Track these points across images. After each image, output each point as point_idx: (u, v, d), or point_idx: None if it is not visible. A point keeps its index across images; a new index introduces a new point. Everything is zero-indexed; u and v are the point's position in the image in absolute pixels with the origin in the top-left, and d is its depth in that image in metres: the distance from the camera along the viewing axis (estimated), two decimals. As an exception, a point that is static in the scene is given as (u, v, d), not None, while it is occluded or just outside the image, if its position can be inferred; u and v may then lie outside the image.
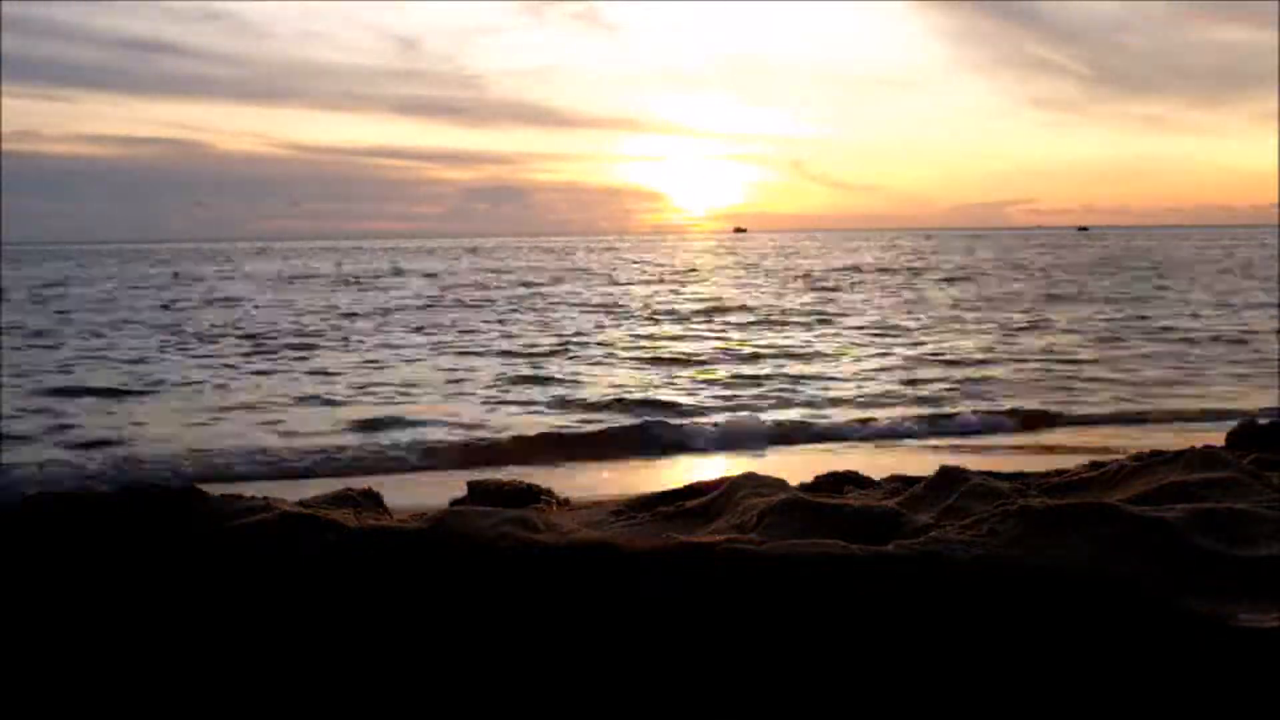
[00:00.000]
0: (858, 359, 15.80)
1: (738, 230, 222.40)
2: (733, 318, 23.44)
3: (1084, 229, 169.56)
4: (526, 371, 14.75)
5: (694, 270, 48.83)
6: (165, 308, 28.01)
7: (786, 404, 11.97)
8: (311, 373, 14.82)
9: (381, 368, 15.36)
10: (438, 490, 6.51)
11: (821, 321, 21.92)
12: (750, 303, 27.44)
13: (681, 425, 10.30)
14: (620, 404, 11.72)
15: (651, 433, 10.00)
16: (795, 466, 8.45)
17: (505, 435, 10.09)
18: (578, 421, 10.88)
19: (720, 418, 10.83)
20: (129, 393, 12.99)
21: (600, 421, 10.79)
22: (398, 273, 49.41)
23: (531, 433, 10.18)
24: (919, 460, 8.52)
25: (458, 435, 10.09)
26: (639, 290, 34.11)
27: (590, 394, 12.58)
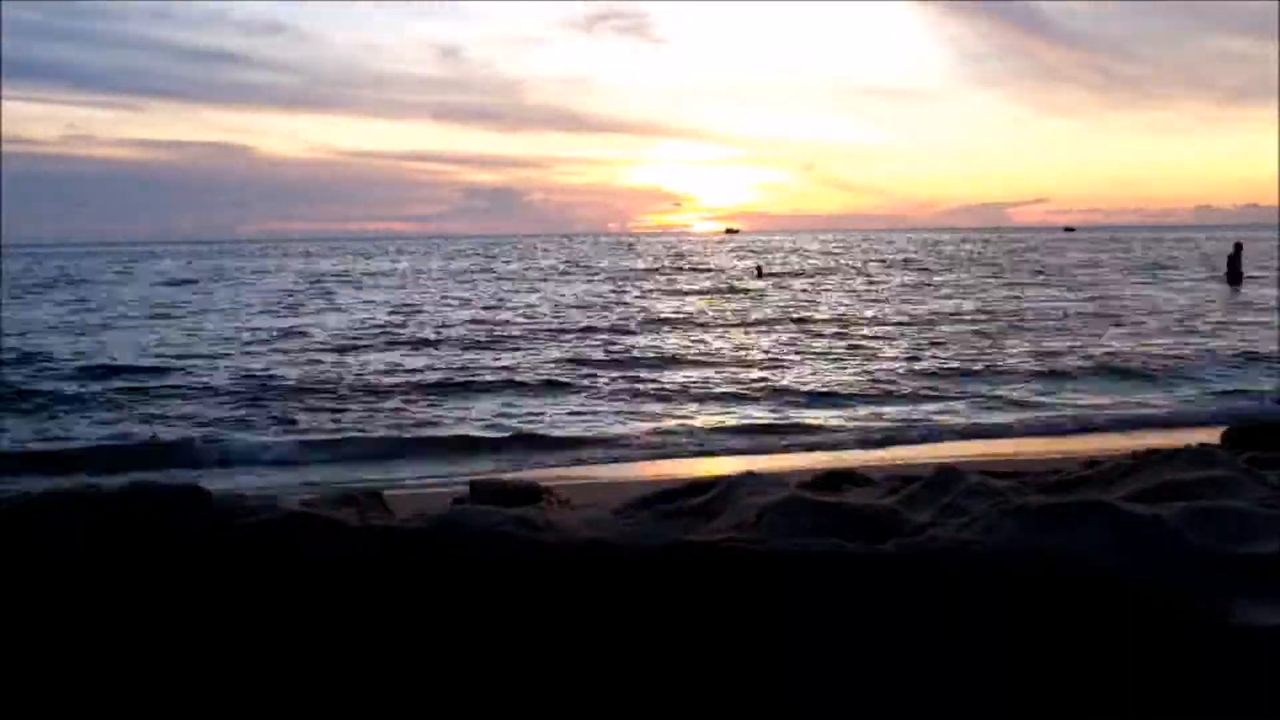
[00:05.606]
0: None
1: (729, 231, 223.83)
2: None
3: (1070, 229, 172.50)
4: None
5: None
6: None
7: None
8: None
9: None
10: (440, 490, 6.54)
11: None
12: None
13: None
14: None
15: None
16: (794, 465, 8.51)
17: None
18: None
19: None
20: None
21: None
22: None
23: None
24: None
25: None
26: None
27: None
